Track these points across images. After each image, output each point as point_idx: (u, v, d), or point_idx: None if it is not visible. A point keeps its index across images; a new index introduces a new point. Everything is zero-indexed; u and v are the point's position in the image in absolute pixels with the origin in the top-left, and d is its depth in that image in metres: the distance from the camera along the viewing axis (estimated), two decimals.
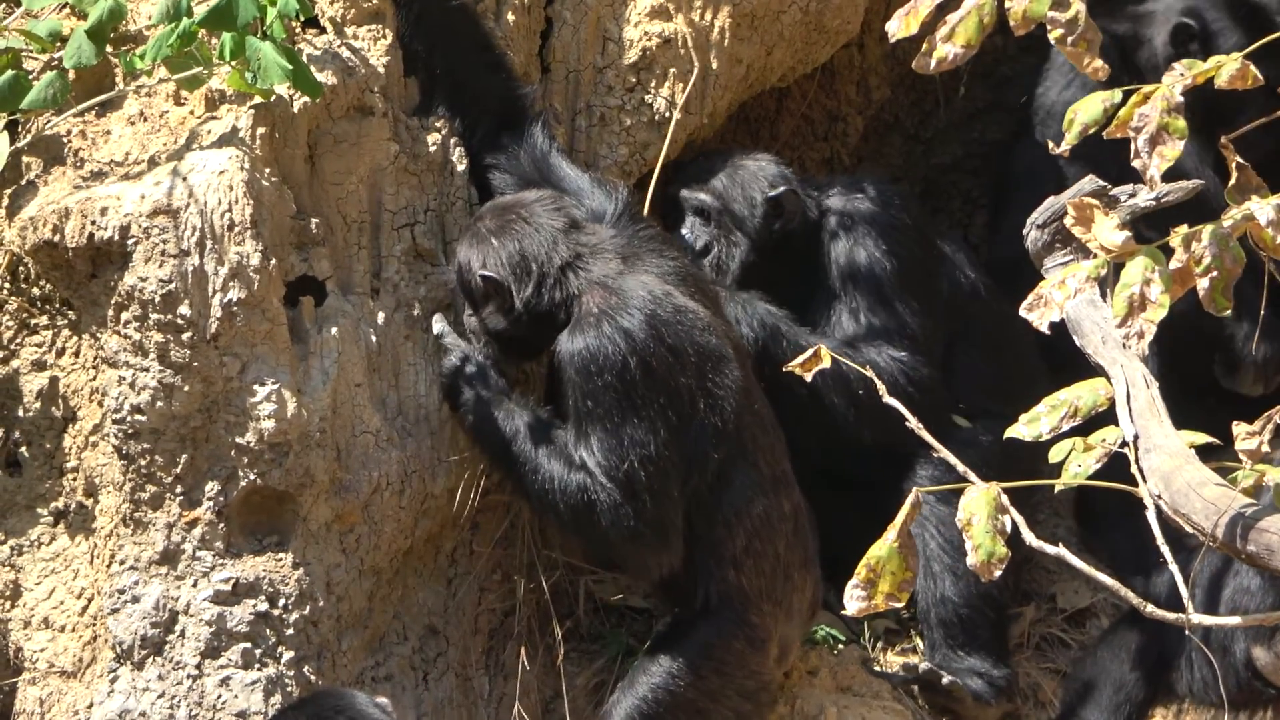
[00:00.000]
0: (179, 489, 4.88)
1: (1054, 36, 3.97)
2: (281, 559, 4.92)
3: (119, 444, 4.87)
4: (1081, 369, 4.19)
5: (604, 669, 5.51)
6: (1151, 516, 3.82)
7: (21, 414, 5.13)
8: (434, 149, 5.22)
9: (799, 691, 5.43)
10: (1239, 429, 4.02)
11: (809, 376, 4.12)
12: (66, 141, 5.04)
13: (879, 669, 5.66)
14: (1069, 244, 4.35)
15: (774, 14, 5.71)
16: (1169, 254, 3.86)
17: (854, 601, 3.79)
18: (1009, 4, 3.97)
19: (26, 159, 5.07)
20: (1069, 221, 4.02)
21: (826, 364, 4.09)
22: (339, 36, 5.12)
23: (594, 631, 5.61)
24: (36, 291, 5.15)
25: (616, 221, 5.16)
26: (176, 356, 4.83)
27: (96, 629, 4.99)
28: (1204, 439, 3.96)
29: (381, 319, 5.07)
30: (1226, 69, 3.91)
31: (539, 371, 5.37)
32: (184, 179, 4.85)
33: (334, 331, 4.97)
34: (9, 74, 4.88)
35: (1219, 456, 3.98)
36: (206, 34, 4.86)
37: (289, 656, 4.91)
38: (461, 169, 5.26)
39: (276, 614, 4.90)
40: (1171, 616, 3.81)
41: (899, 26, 4.09)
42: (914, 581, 3.80)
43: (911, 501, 3.78)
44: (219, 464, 4.88)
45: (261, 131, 4.93)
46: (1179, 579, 3.80)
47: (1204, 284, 3.85)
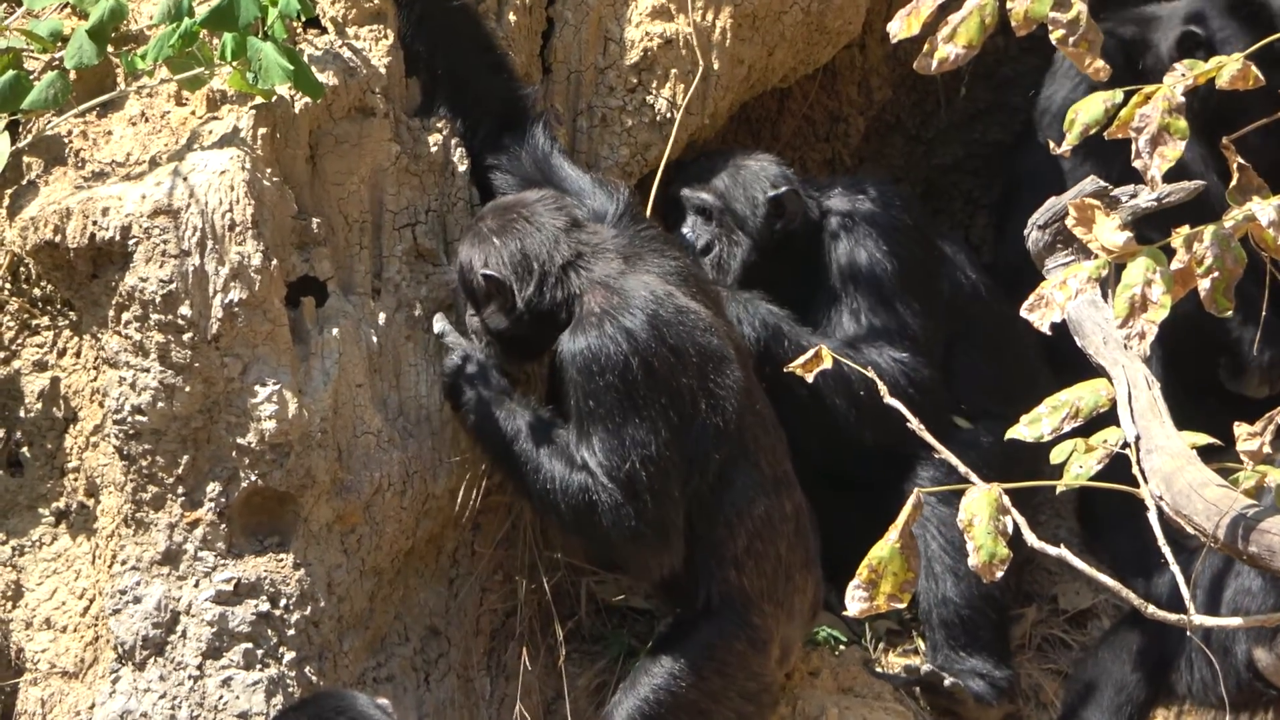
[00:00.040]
0: (180, 489, 4.88)
1: (1055, 37, 3.97)
2: (283, 559, 4.92)
3: (120, 444, 4.87)
4: (1083, 370, 4.19)
5: (606, 670, 5.50)
6: (1153, 517, 3.81)
7: (23, 414, 5.13)
8: (435, 149, 5.22)
9: (800, 692, 5.43)
10: (1240, 430, 4.02)
11: (810, 377, 4.11)
12: (67, 142, 5.03)
13: (880, 670, 5.65)
14: (1070, 245, 4.34)
15: (775, 14, 5.70)
16: (1170, 255, 3.86)
17: (855, 602, 3.79)
18: (1011, 4, 3.97)
19: (27, 159, 5.07)
20: (1070, 222, 4.01)
21: (828, 364, 4.08)
22: (340, 37, 5.12)
23: (596, 632, 5.60)
24: (37, 292, 5.14)
25: (618, 221, 5.15)
26: (177, 357, 4.83)
27: (98, 629, 4.99)
28: (1205, 440, 3.96)
29: (383, 319, 5.07)
30: (1228, 70, 3.90)
31: (540, 372, 5.36)
32: (185, 179, 4.84)
33: (335, 332, 4.97)
34: (10, 74, 4.88)
35: (1220, 457, 3.97)
36: (208, 34, 4.86)
37: (290, 657, 4.91)
38: (463, 169, 5.25)
39: (278, 614, 4.90)
40: (1173, 617, 3.81)
41: (900, 27, 4.09)
42: (915, 582, 3.80)
43: (913, 502, 3.77)
44: (220, 464, 4.88)
45: (263, 132, 4.93)
46: (1180, 580, 3.79)
47: (1205, 285, 3.85)
